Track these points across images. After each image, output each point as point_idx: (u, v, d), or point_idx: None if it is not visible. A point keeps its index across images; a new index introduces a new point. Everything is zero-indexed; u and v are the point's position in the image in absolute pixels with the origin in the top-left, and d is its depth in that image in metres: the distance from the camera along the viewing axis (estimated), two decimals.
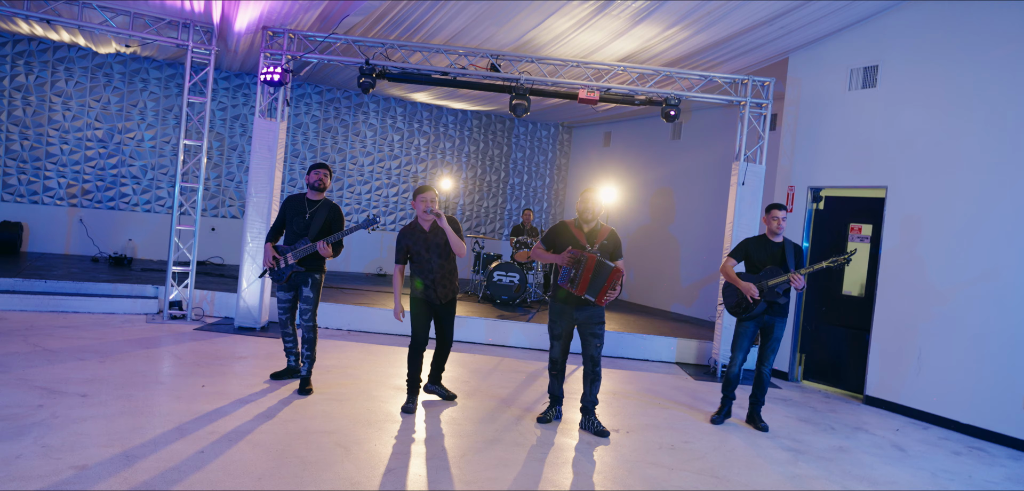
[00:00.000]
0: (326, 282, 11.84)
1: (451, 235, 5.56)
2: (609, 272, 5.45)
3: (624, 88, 8.92)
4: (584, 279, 5.46)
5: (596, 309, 5.66)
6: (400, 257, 5.80)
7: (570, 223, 5.81)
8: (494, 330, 9.26)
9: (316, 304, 6.11)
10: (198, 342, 7.73)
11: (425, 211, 5.57)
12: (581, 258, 5.46)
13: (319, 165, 6.14)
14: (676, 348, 9.23)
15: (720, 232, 11.61)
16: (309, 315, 6.10)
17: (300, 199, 6.15)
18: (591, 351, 5.70)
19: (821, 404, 7.69)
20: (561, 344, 5.79)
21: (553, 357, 5.85)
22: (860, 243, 8.40)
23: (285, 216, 6.14)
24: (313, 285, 6.08)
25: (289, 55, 8.73)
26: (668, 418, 6.43)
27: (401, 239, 5.77)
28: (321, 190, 6.10)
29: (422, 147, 14.79)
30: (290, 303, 6.18)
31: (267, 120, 8.74)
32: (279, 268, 6.06)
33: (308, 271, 6.06)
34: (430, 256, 5.66)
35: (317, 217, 6.04)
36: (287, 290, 6.15)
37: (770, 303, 6.20)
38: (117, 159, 12.35)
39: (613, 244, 5.72)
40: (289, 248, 6.04)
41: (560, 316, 5.74)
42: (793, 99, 9.18)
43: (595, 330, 5.68)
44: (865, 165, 8.25)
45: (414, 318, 5.77)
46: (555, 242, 5.77)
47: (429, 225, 5.69)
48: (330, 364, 7.22)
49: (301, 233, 6.02)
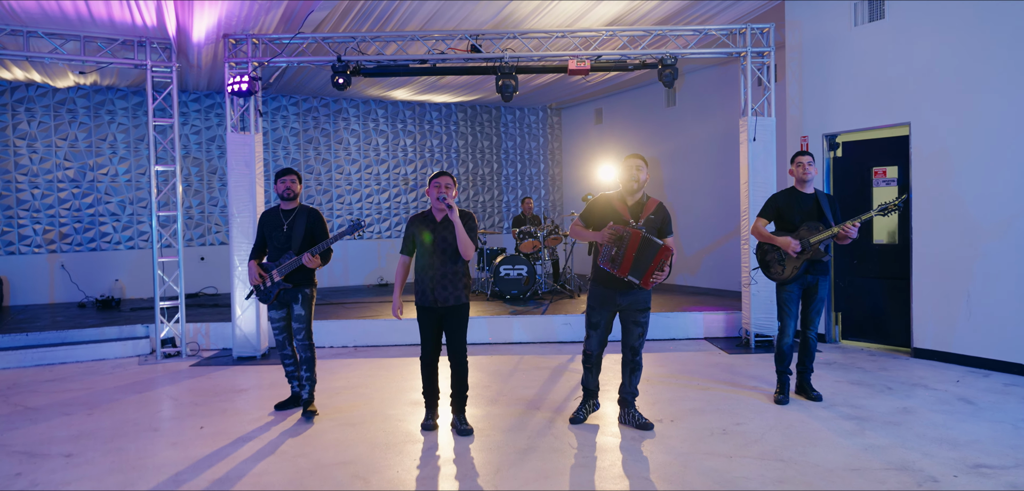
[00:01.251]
0: (324, 298, 11.30)
1: (460, 233, 4.93)
2: (656, 250, 4.85)
3: (615, 53, 8.37)
4: (627, 258, 4.86)
5: (641, 293, 5.08)
6: (406, 246, 5.18)
7: (612, 196, 5.20)
8: (508, 328, 8.72)
9: (309, 321, 5.58)
10: (195, 379, 7.16)
11: (438, 198, 4.95)
12: (624, 235, 4.86)
13: (285, 171, 5.57)
14: (703, 322, 8.71)
15: (726, 196, 11.09)
16: (303, 334, 5.56)
17: (274, 212, 5.62)
18: (632, 340, 5.15)
19: (868, 363, 7.18)
20: (599, 334, 5.19)
21: (588, 349, 5.26)
22: (886, 187, 7.89)
23: (263, 233, 5.62)
24: (304, 301, 5.54)
25: (255, 62, 8.15)
26: (711, 400, 5.90)
27: (410, 226, 5.16)
28: (293, 198, 5.57)
29: (409, 148, 14.21)
30: (284, 321, 5.63)
31: (240, 134, 8.16)
32: (265, 287, 5.52)
33: (296, 287, 5.52)
34: (434, 251, 5.03)
35: (296, 227, 5.50)
36: (278, 308, 5.60)
37: (811, 261, 5.68)
38: (93, 197, 11.72)
39: (661, 218, 5.11)
40: (274, 265, 5.50)
41: (601, 303, 5.14)
42: (795, 45, 8.66)
43: (639, 318, 5.12)
44: (883, 103, 7.74)
45: (420, 328, 5.16)
46: (594, 217, 5.16)
47: (441, 216, 5.10)
48: (338, 386, 6.67)
49: (283, 247, 5.49)
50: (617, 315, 5.20)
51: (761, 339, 8.13)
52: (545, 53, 8.31)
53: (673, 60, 8.13)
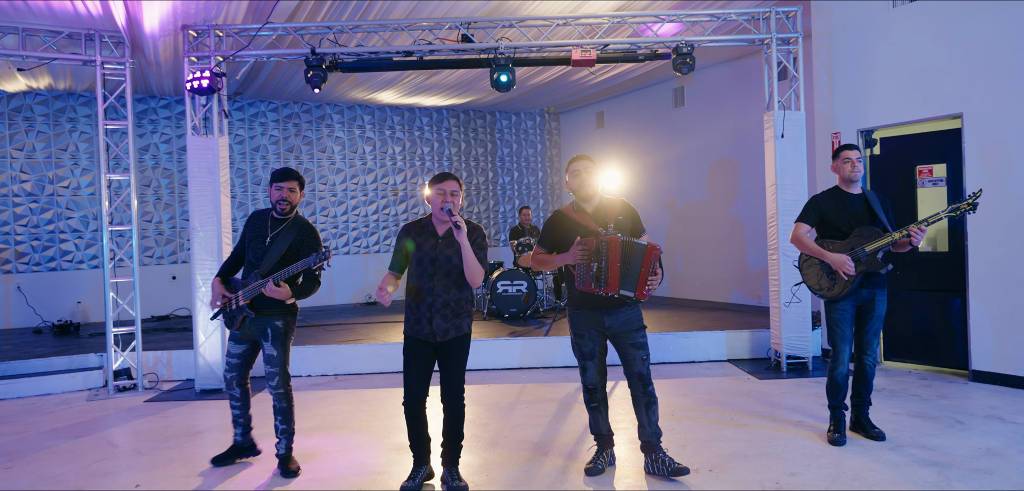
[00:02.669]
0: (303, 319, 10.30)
1: (468, 257, 3.97)
2: (643, 252, 4.02)
3: (624, 41, 7.46)
4: (613, 272, 4.01)
5: (632, 311, 4.24)
6: (396, 262, 4.17)
7: (568, 209, 4.37)
8: (507, 351, 7.77)
9: (284, 363, 4.55)
10: (146, 419, 6.18)
11: (443, 208, 4.00)
12: (600, 246, 4.02)
13: (283, 175, 4.50)
14: (726, 343, 7.77)
15: (743, 202, 10.19)
16: (277, 378, 4.54)
17: (264, 218, 4.60)
18: (637, 367, 4.23)
19: (921, 389, 6.25)
20: (595, 364, 4.31)
21: (588, 383, 4.35)
22: (932, 188, 6.99)
23: (245, 239, 4.60)
24: (275, 337, 4.50)
25: (219, 56, 7.21)
26: (752, 440, 4.96)
27: (402, 237, 4.17)
28: (289, 210, 4.55)
29: (398, 156, 13.27)
30: (241, 359, 4.63)
31: (202, 137, 7.22)
32: (231, 310, 4.52)
33: (263, 316, 4.50)
34: (435, 273, 4.06)
35: (278, 242, 4.47)
36: (239, 342, 4.59)
37: (866, 273, 4.76)
38: (52, 212, 10.75)
39: (630, 217, 4.32)
40: (241, 284, 4.51)
41: (586, 328, 4.28)
42: (823, 30, 7.76)
43: (636, 339, 4.23)
44: (930, 93, 6.84)
45: (406, 362, 4.17)
46: (556, 239, 4.33)
47: (445, 229, 4.14)
48: (312, 425, 5.70)
49: (257, 263, 4.48)
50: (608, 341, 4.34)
51: (794, 362, 7.20)
52: (545, 43, 7.40)
53: (689, 48, 7.23)
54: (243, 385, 4.67)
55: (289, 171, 4.56)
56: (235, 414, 4.74)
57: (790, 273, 7.15)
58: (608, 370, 4.41)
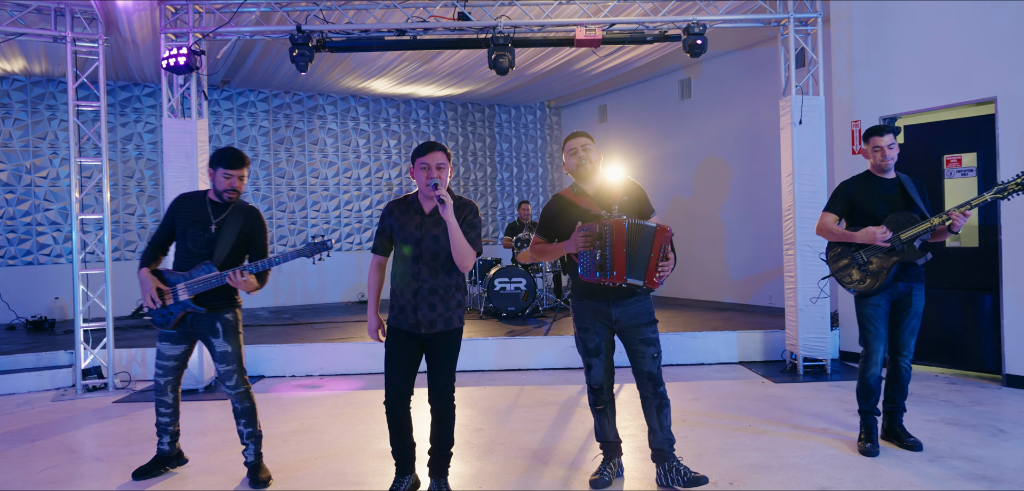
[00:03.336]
0: (293, 317, 9.84)
1: (455, 235, 3.52)
2: (651, 235, 3.55)
3: (632, 20, 6.99)
4: (618, 257, 3.53)
5: (642, 303, 3.76)
6: (380, 244, 3.76)
7: (567, 193, 3.91)
8: (504, 351, 7.29)
9: (240, 357, 4.06)
10: (112, 421, 5.70)
11: (428, 184, 3.55)
12: (603, 230, 3.54)
13: (231, 159, 3.97)
14: (738, 344, 7.29)
15: (754, 197, 9.72)
16: (235, 377, 4.04)
17: (200, 201, 4.07)
18: (646, 365, 3.75)
19: (952, 393, 5.77)
20: (601, 362, 3.83)
21: (593, 383, 3.87)
22: (961, 179, 6.52)
23: (175, 225, 4.07)
24: (226, 331, 4.00)
25: (198, 33, 6.73)
26: (774, 449, 4.48)
27: (385, 217, 3.74)
28: (237, 193, 4.05)
29: (393, 149, 12.79)
30: (179, 362, 4.11)
31: (179, 119, 6.74)
32: (164, 307, 4.00)
33: (213, 311, 3.99)
34: (420, 254, 3.61)
35: (227, 229, 3.97)
36: (177, 342, 4.07)
37: (902, 265, 4.28)
38: (29, 204, 10.26)
39: (637, 197, 3.83)
40: (182, 276, 3.97)
41: (592, 321, 3.80)
42: (843, 13, 7.30)
43: (646, 334, 3.75)
44: (959, 77, 6.37)
45: (388, 357, 3.68)
46: (556, 225, 3.86)
47: (432, 206, 3.68)
48: (289, 429, 5.23)
49: (202, 253, 3.96)
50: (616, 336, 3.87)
51: (811, 364, 6.72)
52: (547, 21, 6.92)
53: (701, 28, 6.75)
54: (176, 390, 4.17)
55: (241, 156, 4.02)
56: (163, 422, 4.20)
57: (808, 270, 6.69)
58: (615, 371, 3.93)
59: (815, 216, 6.72)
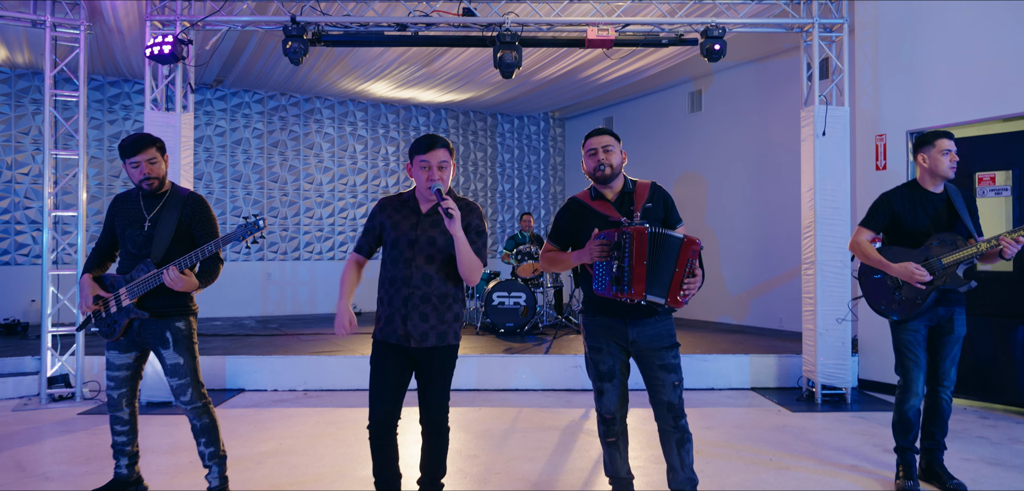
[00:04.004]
0: (281, 327, 9.37)
1: (462, 250, 3.09)
2: (678, 245, 3.11)
3: (648, 20, 6.58)
4: (637, 270, 3.08)
5: (662, 323, 3.30)
6: (364, 243, 3.32)
7: (584, 196, 3.45)
8: (502, 370, 6.84)
9: (194, 369, 3.58)
10: (74, 434, 5.24)
11: (429, 186, 3.12)
12: (621, 239, 3.10)
13: (137, 144, 3.47)
14: (750, 369, 6.84)
15: (767, 213, 9.30)
16: (189, 391, 3.56)
17: (133, 199, 3.60)
18: (666, 395, 3.28)
19: (987, 430, 5.32)
20: (615, 388, 3.35)
21: (604, 412, 3.38)
22: (994, 198, 6.10)
23: (112, 228, 3.63)
24: (177, 341, 3.53)
25: (185, 21, 6.33)
26: (803, 486, 4.02)
27: (375, 214, 3.30)
28: (156, 183, 3.54)
29: (391, 156, 12.37)
30: (130, 371, 3.63)
31: (162, 113, 6.32)
32: (107, 315, 3.54)
33: (159, 316, 3.52)
34: (414, 259, 3.18)
35: (163, 223, 3.51)
36: (126, 349, 3.60)
37: (942, 290, 3.85)
38: (8, 202, 9.81)
39: (662, 202, 3.40)
40: (122, 279, 3.52)
41: (605, 340, 3.32)
42: (868, 21, 6.90)
43: (666, 359, 3.28)
44: (993, 90, 5.97)
45: (372, 375, 3.23)
46: (571, 232, 3.43)
47: (429, 206, 3.26)
48: (266, 449, 4.77)
49: (142, 254, 3.51)
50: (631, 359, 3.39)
51: (830, 393, 6.28)
52: (557, 20, 6.52)
53: (721, 31, 6.35)
54: (133, 404, 3.67)
55: (140, 139, 3.51)
56: (119, 442, 3.69)
57: (828, 291, 6.27)
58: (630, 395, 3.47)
59: (837, 233, 6.34)
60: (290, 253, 11.51)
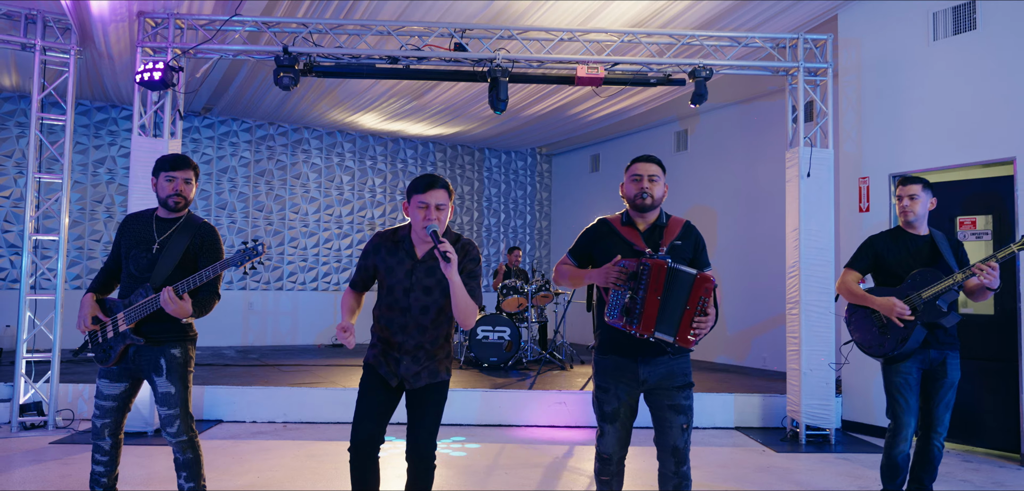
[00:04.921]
0: (261, 356, 9.25)
1: (458, 294, 3.02)
2: (690, 281, 3.03)
3: (636, 60, 6.66)
4: (650, 304, 3.01)
5: (676, 362, 3.20)
6: (360, 282, 3.30)
7: (614, 220, 3.40)
8: (485, 405, 6.78)
9: (185, 401, 3.48)
10: (44, 465, 5.12)
11: (425, 228, 3.07)
12: (640, 269, 3.05)
13: (176, 163, 3.45)
14: (734, 408, 6.82)
15: (750, 254, 9.36)
16: (177, 423, 3.45)
17: (146, 221, 3.53)
18: (672, 438, 3.19)
19: (970, 474, 5.32)
20: (616, 431, 3.24)
21: (603, 452, 3.29)
22: (975, 242, 6.17)
23: (121, 248, 3.55)
24: (171, 369, 3.42)
25: (177, 48, 6.33)
26: None
27: (369, 254, 3.26)
28: (181, 208, 3.51)
29: (378, 188, 12.36)
30: (119, 402, 3.50)
31: (150, 139, 6.28)
32: (104, 339, 3.45)
33: (155, 343, 3.42)
34: (409, 307, 3.14)
35: (171, 248, 3.43)
36: (117, 379, 3.47)
37: (932, 329, 3.87)
38: None
39: (692, 243, 3.34)
40: (122, 304, 3.42)
41: (614, 380, 3.23)
42: (851, 66, 7.02)
43: (677, 399, 3.18)
44: (975, 135, 6.07)
45: (361, 394, 3.19)
46: (592, 251, 3.36)
47: (425, 250, 3.21)
48: (244, 482, 4.68)
49: (144, 277, 3.42)
50: (641, 397, 3.30)
51: (814, 433, 6.27)
52: (548, 57, 6.58)
53: (708, 72, 6.44)
54: (117, 435, 3.53)
55: (183, 158, 3.50)
56: (97, 471, 3.54)
57: (813, 331, 6.29)
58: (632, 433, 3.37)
59: (821, 273, 6.38)
60: (273, 283, 11.41)
